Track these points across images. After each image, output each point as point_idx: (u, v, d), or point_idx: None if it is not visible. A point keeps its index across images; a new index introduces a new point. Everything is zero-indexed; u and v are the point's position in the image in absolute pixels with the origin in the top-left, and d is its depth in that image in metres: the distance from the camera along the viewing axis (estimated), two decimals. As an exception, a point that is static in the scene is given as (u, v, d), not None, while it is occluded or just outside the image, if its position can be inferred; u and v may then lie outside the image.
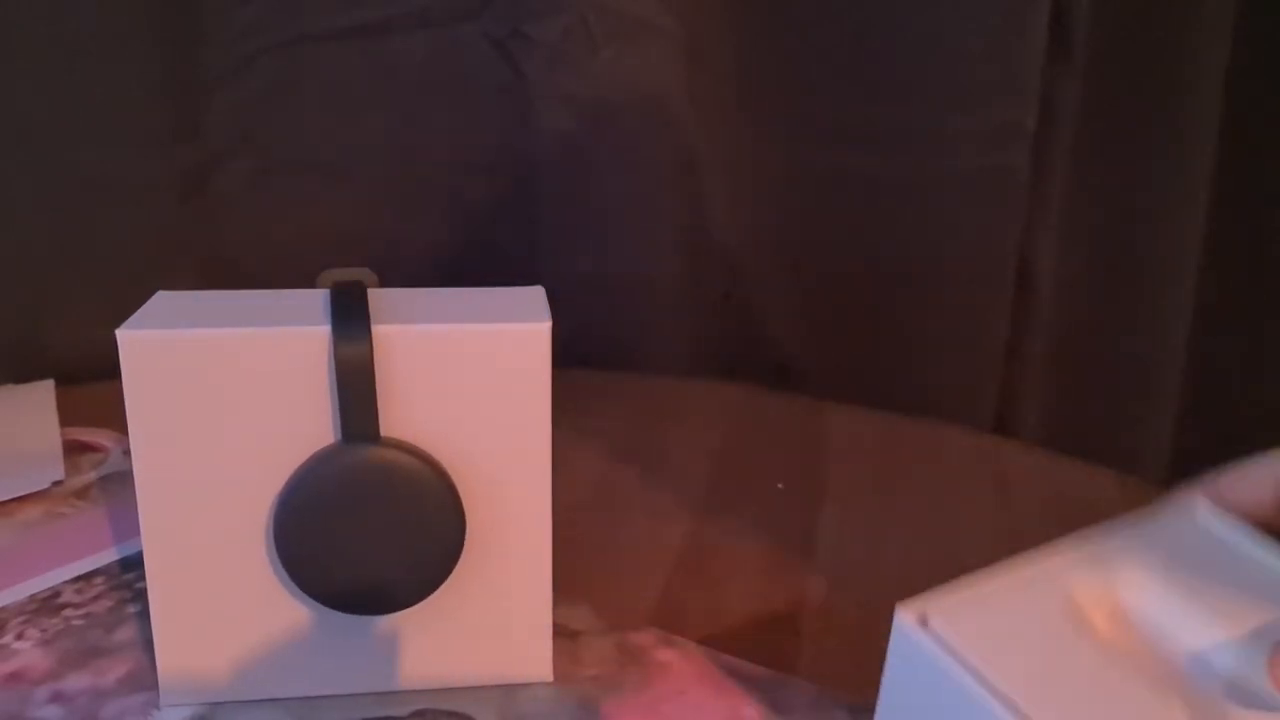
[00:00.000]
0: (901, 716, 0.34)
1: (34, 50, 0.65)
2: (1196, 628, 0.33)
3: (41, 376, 0.68)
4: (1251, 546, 0.35)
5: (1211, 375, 0.76)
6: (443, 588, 0.39)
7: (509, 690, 0.42)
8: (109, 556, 0.50)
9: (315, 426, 0.37)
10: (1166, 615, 0.34)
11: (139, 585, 0.48)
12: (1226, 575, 0.35)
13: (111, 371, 0.36)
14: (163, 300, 0.39)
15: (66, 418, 0.64)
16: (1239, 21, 0.68)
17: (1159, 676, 0.32)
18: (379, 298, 0.38)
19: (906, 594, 0.51)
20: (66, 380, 0.68)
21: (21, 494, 0.56)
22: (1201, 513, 0.37)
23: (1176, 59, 0.69)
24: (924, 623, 0.32)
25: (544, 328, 0.38)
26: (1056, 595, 0.33)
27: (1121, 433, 0.77)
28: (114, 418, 0.38)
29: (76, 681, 0.42)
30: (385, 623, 0.40)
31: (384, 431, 0.37)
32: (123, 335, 0.36)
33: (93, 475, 0.58)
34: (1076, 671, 0.31)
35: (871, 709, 0.42)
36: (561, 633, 0.43)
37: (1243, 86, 0.69)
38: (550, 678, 0.42)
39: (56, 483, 0.57)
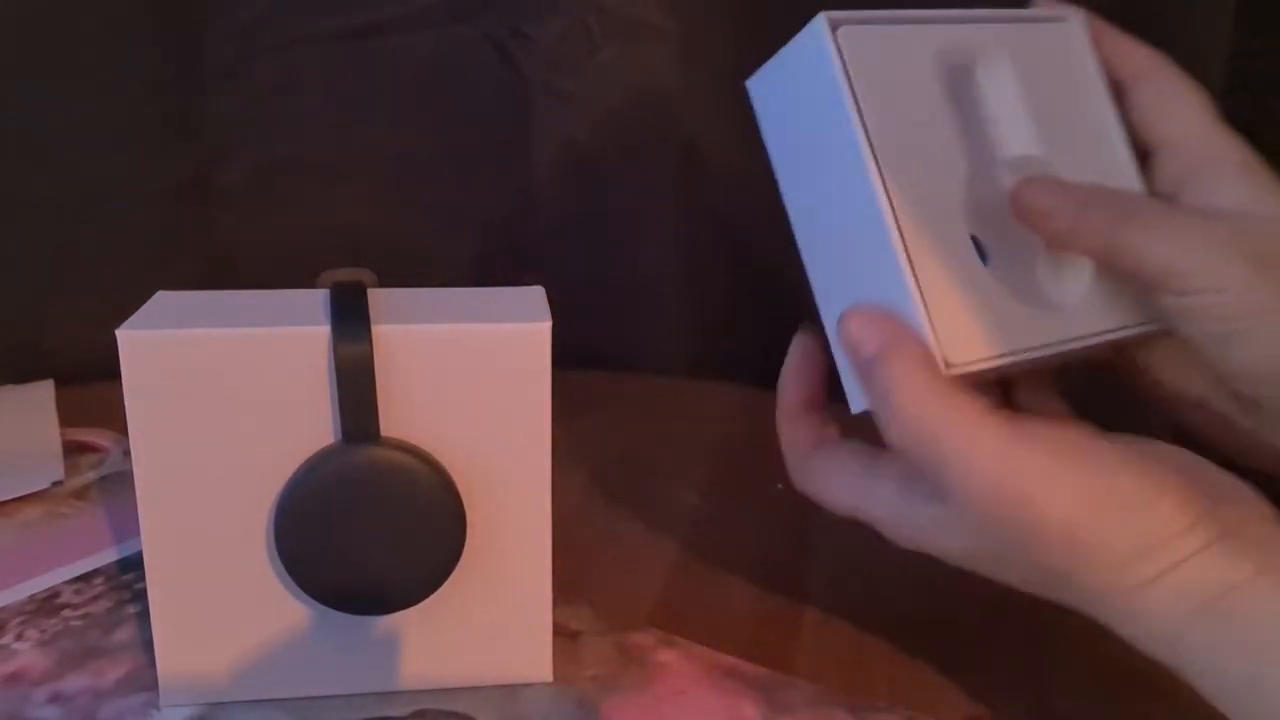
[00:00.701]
0: (775, 93, 0.42)
1: (34, 50, 0.65)
2: (1019, 131, 0.39)
3: (41, 376, 0.68)
4: (1101, 90, 0.41)
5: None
6: (443, 588, 0.39)
7: (509, 690, 0.42)
8: (109, 557, 0.50)
9: (315, 426, 0.37)
10: (1004, 112, 0.39)
11: (139, 586, 0.48)
12: (1068, 97, 0.41)
13: (111, 371, 0.36)
14: (163, 300, 0.39)
15: (66, 418, 0.64)
16: (1239, 18, 0.68)
17: (971, 146, 0.38)
18: (379, 298, 0.38)
19: (906, 595, 0.50)
20: (66, 380, 0.68)
21: (21, 494, 0.56)
22: (1080, 35, 0.42)
23: (1175, 58, 0.69)
24: (835, 29, 0.37)
25: (544, 328, 0.38)
26: (934, 58, 0.39)
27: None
28: (114, 418, 0.38)
29: (75, 682, 0.42)
30: (385, 623, 0.40)
31: (384, 431, 0.37)
32: (123, 335, 0.36)
33: (93, 475, 0.58)
34: (920, 115, 0.38)
35: (872, 709, 0.42)
36: (561, 633, 0.43)
37: (1244, 85, 0.69)
38: (550, 678, 0.42)
39: (56, 483, 0.57)
